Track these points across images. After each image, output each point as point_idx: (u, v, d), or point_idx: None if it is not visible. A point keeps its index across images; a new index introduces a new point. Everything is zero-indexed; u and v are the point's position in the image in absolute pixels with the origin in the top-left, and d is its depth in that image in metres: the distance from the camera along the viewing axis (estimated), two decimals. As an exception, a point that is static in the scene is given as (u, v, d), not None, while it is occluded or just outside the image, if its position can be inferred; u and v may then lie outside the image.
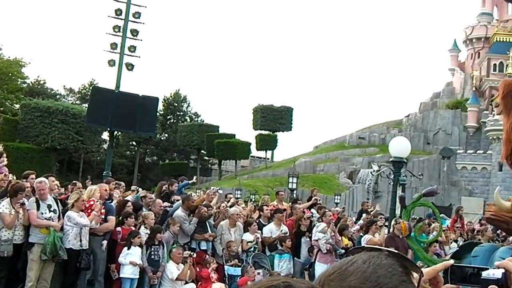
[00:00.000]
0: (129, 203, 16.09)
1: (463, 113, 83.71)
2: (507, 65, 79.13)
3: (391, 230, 17.78)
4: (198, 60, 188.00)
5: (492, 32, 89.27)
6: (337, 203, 50.86)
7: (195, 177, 25.19)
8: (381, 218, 21.04)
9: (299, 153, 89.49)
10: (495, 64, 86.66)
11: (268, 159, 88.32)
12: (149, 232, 14.81)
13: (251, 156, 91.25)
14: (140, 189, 23.88)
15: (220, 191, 26.14)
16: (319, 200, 23.11)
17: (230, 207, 18.75)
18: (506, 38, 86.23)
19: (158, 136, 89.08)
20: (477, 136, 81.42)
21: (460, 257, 7.31)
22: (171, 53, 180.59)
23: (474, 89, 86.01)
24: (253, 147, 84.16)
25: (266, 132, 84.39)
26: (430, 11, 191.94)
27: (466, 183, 75.79)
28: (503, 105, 9.73)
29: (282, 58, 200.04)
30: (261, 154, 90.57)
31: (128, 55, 30.62)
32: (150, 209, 16.20)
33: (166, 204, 17.17)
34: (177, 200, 17.58)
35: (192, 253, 15.20)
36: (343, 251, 17.08)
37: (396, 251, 1.96)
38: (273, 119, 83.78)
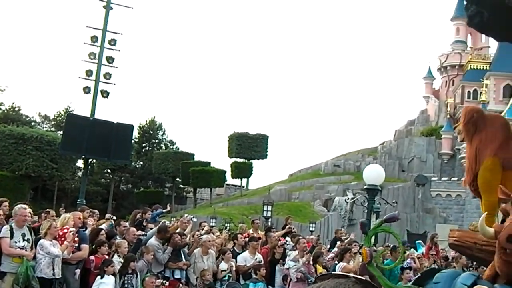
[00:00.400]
0: (103, 232, 15.97)
1: (438, 140, 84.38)
2: (481, 92, 79.98)
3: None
4: (174, 88, 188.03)
5: (466, 60, 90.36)
6: (312, 231, 50.92)
7: (169, 206, 25.07)
8: (355, 245, 21.06)
9: (274, 181, 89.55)
10: (469, 92, 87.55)
11: (243, 187, 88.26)
12: (122, 260, 14.71)
13: (226, 184, 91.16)
14: (114, 217, 23.76)
15: (194, 219, 26.01)
16: (293, 228, 23.11)
17: (204, 235, 18.69)
18: (480, 66, 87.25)
19: (133, 164, 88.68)
20: (452, 163, 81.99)
21: (422, 283, 7.33)
22: (146, 81, 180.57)
23: (448, 116, 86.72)
24: (228, 175, 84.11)
25: (241, 160, 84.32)
26: (405, 39, 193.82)
27: (440, 210, 76.17)
28: (465, 132, 9.91)
29: (257, 86, 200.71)
30: (237, 182, 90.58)
31: (103, 82, 30.54)
32: (124, 238, 16.11)
33: (140, 232, 17.08)
34: (151, 229, 17.51)
35: (165, 282, 15.13)
36: (315, 279, 17.07)
37: (363, 278, 1.98)
38: (248, 147, 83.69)
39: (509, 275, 6.71)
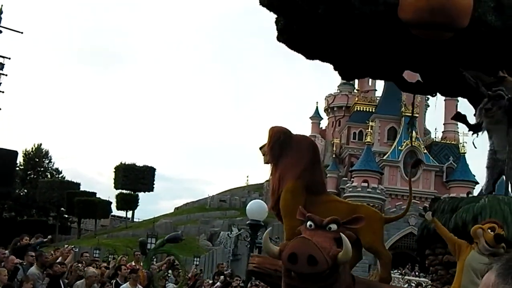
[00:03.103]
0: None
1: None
2: (366, 133, 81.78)
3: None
4: (61, 115, 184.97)
5: (353, 101, 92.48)
6: (196, 265, 50.85)
7: (49, 236, 24.71)
8: (237, 279, 21.28)
9: (160, 214, 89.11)
10: (355, 133, 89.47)
11: (129, 218, 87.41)
12: (0, 289, 14.50)
13: (112, 215, 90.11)
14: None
15: (76, 249, 25.75)
16: (176, 262, 23.18)
17: (86, 266, 18.57)
18: (366, 108, 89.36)
19: (17, 191, 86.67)
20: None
21: None
22: (34, 106, 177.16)
23: (334, 156, 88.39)
24: (114, 206, 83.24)
25: (127, 192, 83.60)
26: (292, 78, 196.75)
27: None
28: (271, 154, 10.02)
29: (146, 117, 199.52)
30: (122, 213, 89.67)
31: (-12, 107, 30.03)
32: (3, 266, 15.87)
33: (18, 260, 16.85)
34: (32, 257, 17.30)
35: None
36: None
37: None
38: (134, 179, 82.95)
39: None
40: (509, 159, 13.27)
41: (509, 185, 13.53)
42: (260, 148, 10.51)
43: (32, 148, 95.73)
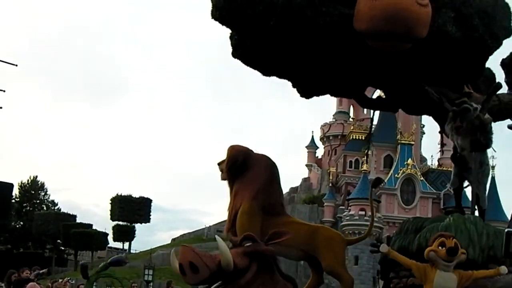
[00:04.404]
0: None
1: (320, 208, 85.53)
2: (362, 162, 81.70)
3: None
4: (56, 147, 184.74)
5: (348, 130, 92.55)
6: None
7: (45, 270, 24.56)
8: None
9: (157, 245, 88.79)
10: (351, 161, 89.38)
11: (126, 250, 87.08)
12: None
13: (108, 247, 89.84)
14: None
15: (72, 281, 25.62)
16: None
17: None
18: (361, 136, 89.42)
19: (13, 223, 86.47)
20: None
21: None
22: (28, 139, 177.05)
23: (330, 185, 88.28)
24: (110, 238, 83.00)
25: (124, 223, 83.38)
26: (288, 107, 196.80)
27: (327, 280, 76.62)
28: (228, 173, 9.90)
29: (141, 149, 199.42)
30: (119, 245, 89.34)
31: (-16, 140, 30.01)
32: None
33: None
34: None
35: None
36: None
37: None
38: (131, 210, 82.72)
39: None
40: (475, 179, 13.16)
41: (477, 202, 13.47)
42: (219, 164, 10.34)
43: (28, 180, 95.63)
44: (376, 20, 10.34)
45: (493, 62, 15.63)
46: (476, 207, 13.57)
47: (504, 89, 15.03)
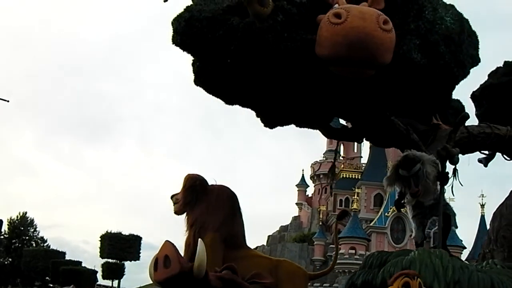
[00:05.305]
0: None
1: (310, 246, 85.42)
2: (352, 200, 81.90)
3: None
4: (46, 184, 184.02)
5: (339, 168, 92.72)
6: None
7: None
8: None
9: (146, 283, 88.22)
10: (341, 199, 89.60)
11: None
12: None
13: (97, 285, 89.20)
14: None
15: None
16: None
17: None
18: (351, 175, 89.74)
19: (1, 259, 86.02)
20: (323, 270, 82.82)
21: None
22: (18, 174, 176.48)
23: (321, 223, 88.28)
24: (100, 275, 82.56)
25: (113, 261, 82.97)
26: (278, 145, 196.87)
27: (313, 316, 76.58)
28: (184, 202, 9.54)
29: (130, 187, 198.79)
30: (108, 282, 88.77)
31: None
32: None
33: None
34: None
35: None
36: None
37: None
38: (120, 248, 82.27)
39: None
40: (442, 198, 12.79)
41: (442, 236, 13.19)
42: (172, 197, 10.04)
43: (17, 217, 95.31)
44: (338, 46, 9.89)
45: (463, 95, 15.68)
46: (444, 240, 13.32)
47: (475, 122, 15.03)
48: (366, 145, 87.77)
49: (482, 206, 74.54)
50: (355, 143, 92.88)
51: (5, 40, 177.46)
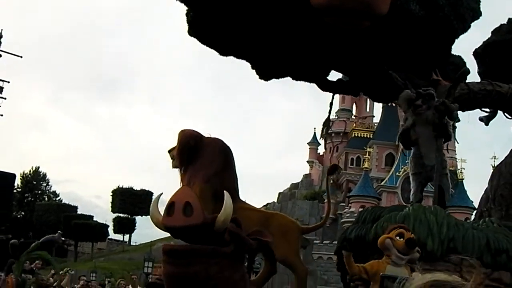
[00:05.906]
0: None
1: (321, 204, 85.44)
2: (363, 159, 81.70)
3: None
4: (59, 139, 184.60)
5: (351, 127, 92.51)
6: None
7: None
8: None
9: (157, 238, 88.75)
10: (352, 159, 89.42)
11: (126, 242, 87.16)
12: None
13: (109, 239, 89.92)
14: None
15: (72, 272, 25.71)
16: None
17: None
18: (363, 134, 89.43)
19: (14, 213, 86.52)
20: (334, 227, 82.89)
21: None
22: (31, 130, 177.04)
23: (331, 181, 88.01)
24: (111, 230, 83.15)
25: (124, 215, 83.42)
26: (290, 104, 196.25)
27: (322, 272, 76.62)
28: (179, 158, 9.37)
29: (143, 142, 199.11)
30: (119, 237, 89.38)
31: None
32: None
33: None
34: (29, 279, 17.31)
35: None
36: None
37: None
38: (132, 203, 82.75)
39: None
40: (438, 168, 12.65)
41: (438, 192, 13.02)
42: (169, 151, 9.89)
43: (30, 171, 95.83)
44: None
45: (467, 53, 15.33)
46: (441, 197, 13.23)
47: (477, 80, 14.76)
48: (378, 105, 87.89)
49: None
50: (368, 102, 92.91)
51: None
